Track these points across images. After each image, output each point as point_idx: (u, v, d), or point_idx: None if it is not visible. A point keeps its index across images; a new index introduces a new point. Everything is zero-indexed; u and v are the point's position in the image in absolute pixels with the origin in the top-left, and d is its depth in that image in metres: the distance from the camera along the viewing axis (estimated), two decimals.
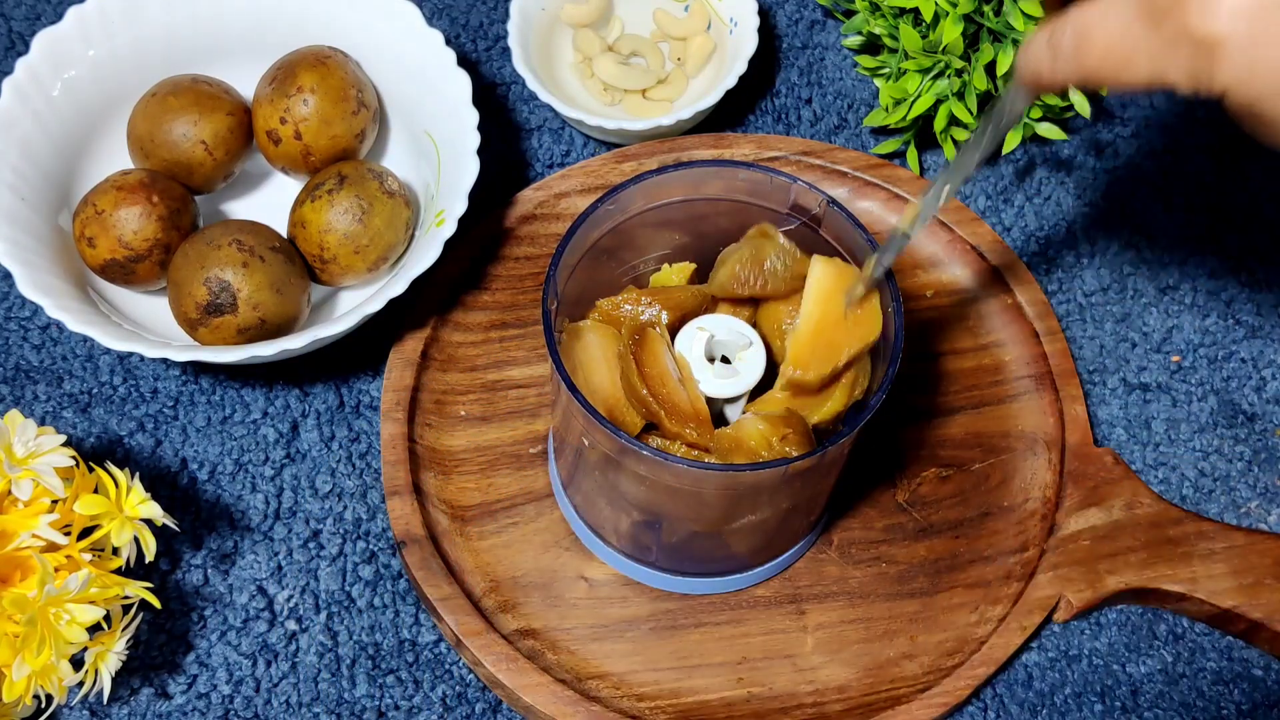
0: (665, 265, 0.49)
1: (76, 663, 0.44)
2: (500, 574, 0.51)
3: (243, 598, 0.51)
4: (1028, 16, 0.56)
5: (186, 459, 0.54)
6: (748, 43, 0.60)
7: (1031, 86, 0.37)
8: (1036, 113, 0.59)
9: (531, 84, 0.58)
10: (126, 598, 0.45)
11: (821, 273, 0.44)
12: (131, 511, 0.44)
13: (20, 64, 0.53)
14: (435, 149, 0.55)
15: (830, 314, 0.43)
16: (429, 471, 0.52)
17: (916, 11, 0.58)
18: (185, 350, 0.48)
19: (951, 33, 0.55)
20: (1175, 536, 0.52)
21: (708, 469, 0.41)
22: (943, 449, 0.54)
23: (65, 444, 0.44)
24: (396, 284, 0.50)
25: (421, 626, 0.51)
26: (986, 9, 0.57)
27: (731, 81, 0.59)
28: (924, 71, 0.58)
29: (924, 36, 0.57)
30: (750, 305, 0.47)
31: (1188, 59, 0.32)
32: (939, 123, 0.58)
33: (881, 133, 0.63)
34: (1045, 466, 0.54)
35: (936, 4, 0.56)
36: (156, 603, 0.45)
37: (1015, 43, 0.57)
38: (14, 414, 0.44)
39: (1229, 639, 0.52)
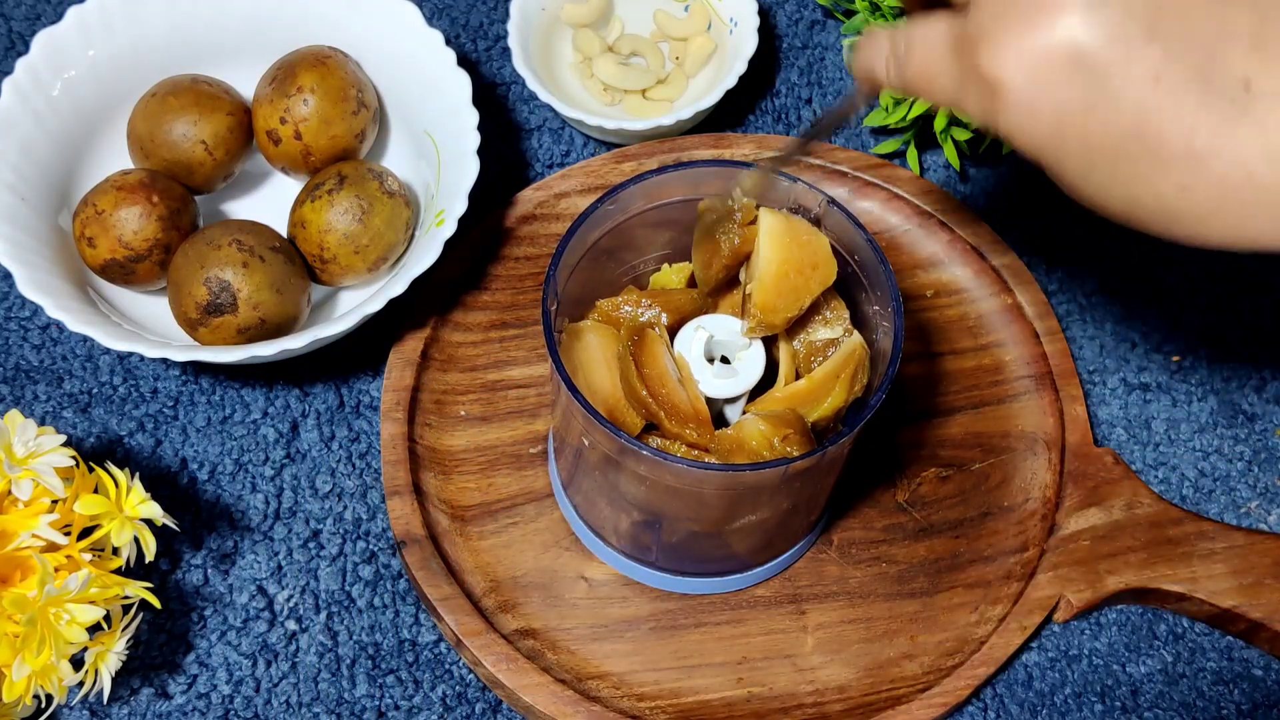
0: (665, 265, 0.49)
1: (76, 663, 0.44)
2: (500, 574, 0.51)
3: (243, 598, 0.51)
4: None
5: (186, 459, 0.54)
6: (748, 43, 0.60)
7: (866, 84, 0.38)
8: None
9: (531, 84, 0.58)
10: (126, 598, 0.45)
11: (771, 222, 0.45)
12: (131, 511, 0.44)
13: (20, 64, 0.53)
14: (435, 149, 0.55)
15: (788, 259, 0.44)
16: (429, 471, 0.52)
17: None
18: (185, 350, 0.48)
19: None
20: (1175, 536, 0.52)
21: (708, 469, 0.41)
22: (943, 449, 0.54)
23: (65, 444, 0.44)
24: (396, 284, 0.50)
25: (421, 626, 0.51)
26: None
27: (731, 81, 0.59)
28: None
29: None
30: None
31: (977, 95, 0.32)
32: (939, 123, 0.58)
33: (881, 133, 0.63)
34: (1045, 466, 0.54)
35: None
36: (156, 603, 0.45)
37: None
38: (14, 414, 0.44)
39: (1229, 639, 0.52)
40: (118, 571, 0.45)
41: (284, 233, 0.54)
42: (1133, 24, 0.30)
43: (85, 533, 0.45)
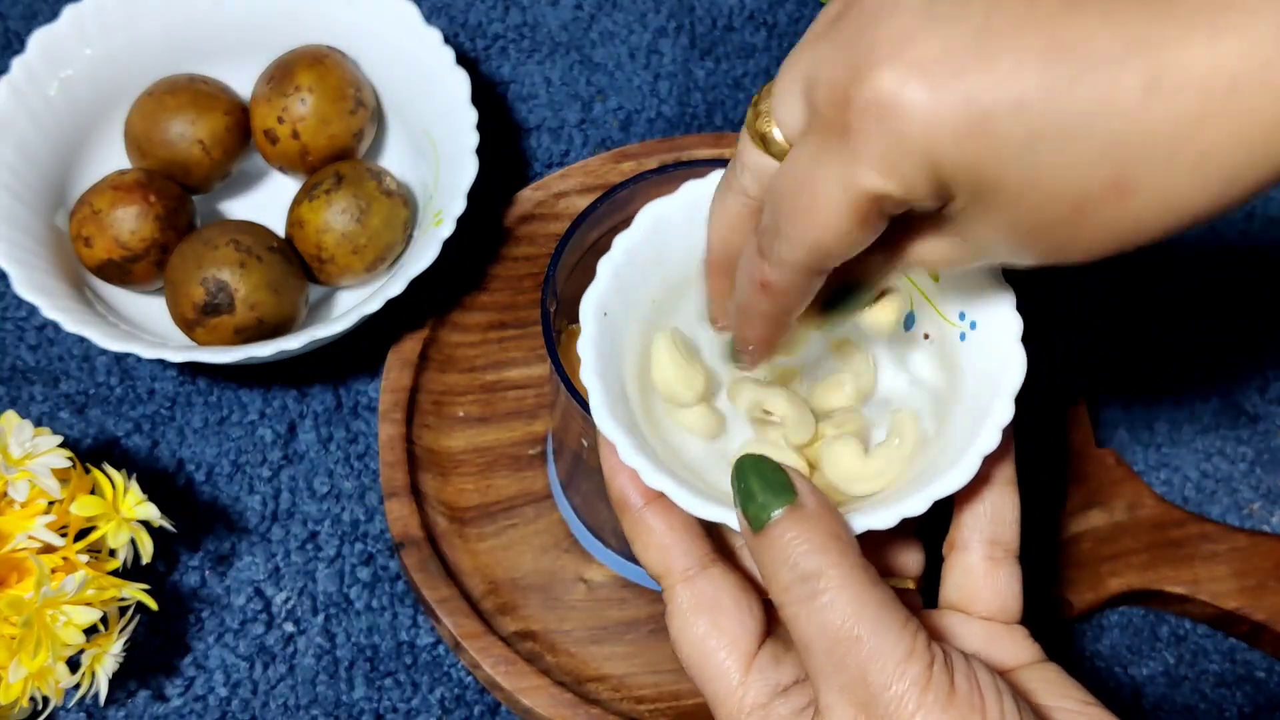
0: None
1: (73, 665, 0.44)
2: (499, 576, 0.51)
3: (240, 600, 0.50)
4: None
5: (183, 460, 0.53)
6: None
7: (756, 297, 0.33)
8: None
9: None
10: (123, 599, 0.44)
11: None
12: (128, 513, 0.44)
13: (16, 63, 0.53)
14: (433, 148, 0.55)
15: None
16: (427, 473, 0.52)
17: None
18: (182, 351, 0.48)
19: None
20: (1177, 538, 0.52)
21: None
22: None
23: (62, 445, 0.44)
24: (394, 284, 0.50)
25: (420, 628, 0.50)
26: None
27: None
28: None
29: None
30: None
31: (867, 139, 0.27)
32: None
33: None
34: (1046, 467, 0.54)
35: None
36: (153, 604, 0.45)
37: None
38: (10, 415, 0.44)
39: (1232, 641, 0.52)
40: (114, 573, 0.45)
41: (281, 233, 0.53)
42: None
43: (82, 534, 0.44)
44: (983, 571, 0.36)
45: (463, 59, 0.56)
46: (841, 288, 0.35)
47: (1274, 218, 0.61)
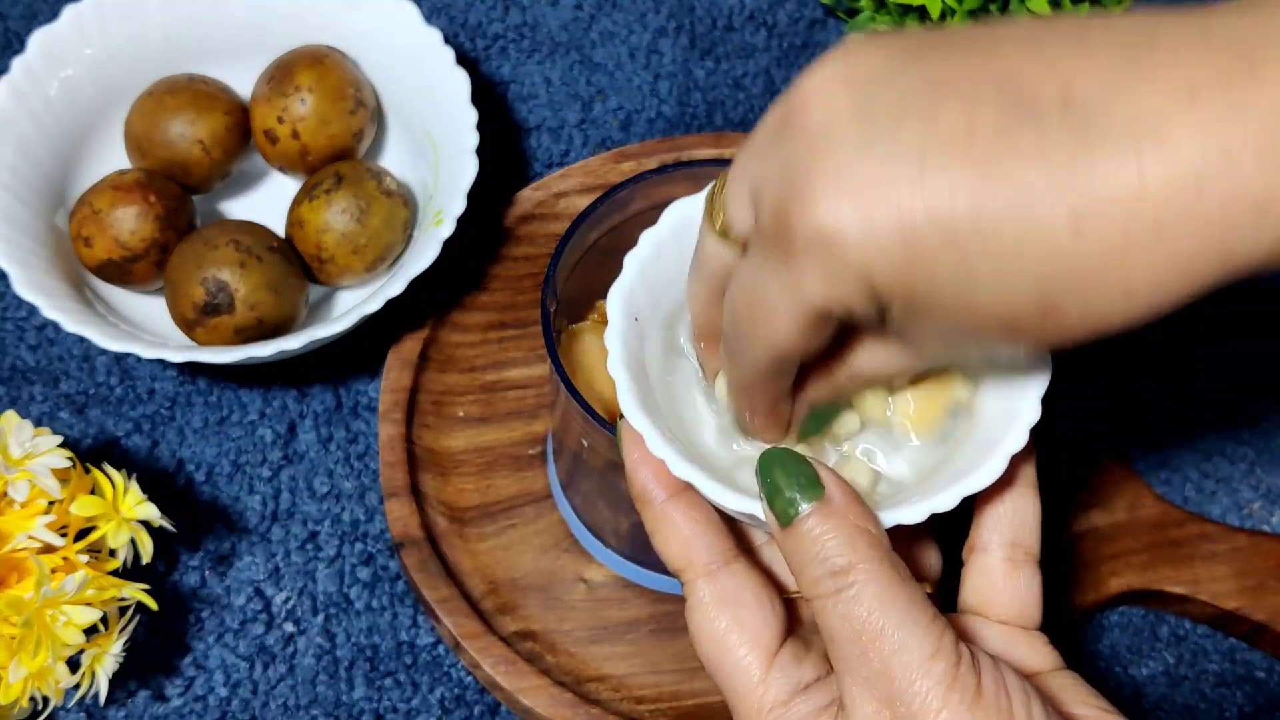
0: None
1: (73, 665, 0.44)
2: (499, 576, 0.51)
3: (240, 600, 0.50)
4: (1034, 15, 0.56)
5: (183, 460, 0.53)
6: None
7: (741, 399, 0.35)
8: None
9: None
10: (123, 599, 0.44)
11: None
12: (128, 513, 0.44)
13: (16, 62, 0.53)
14: (433, 148, 0.55)
15: None
16: (427, 473, 0.52)
17: (923, 9, 0.58)
18: (182, 351, 0.48)
19: None
20: (1178, 538, 0.52)
21: None
22: None
23: (62, 445, 0.44)
24: (394, 284, 0.50)
25: (420, 628, 0.50)
26: (993, 7, 0.57)
27: None
28: None
29: None
30: None
31: (811, 269, 0.28)
32: None
33: None
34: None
35: (943, 1, 0.56)
36: (153, 604, 0.45)
37: None
38: (10, 414, 0.44)
39: (1232, 641, 0.52)
40: (114, 573, 0.45)
41: (281, 233, 0.53)
42: (916, 83, 0.27)
43: (82, 534, 0.44)
44: (1002, 573, 0.36)
45: (463, 59, 0.56)
46: (811, 415, 0.36)
47: None
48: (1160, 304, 0.26)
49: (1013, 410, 0.35)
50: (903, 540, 0.34)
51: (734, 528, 0.36)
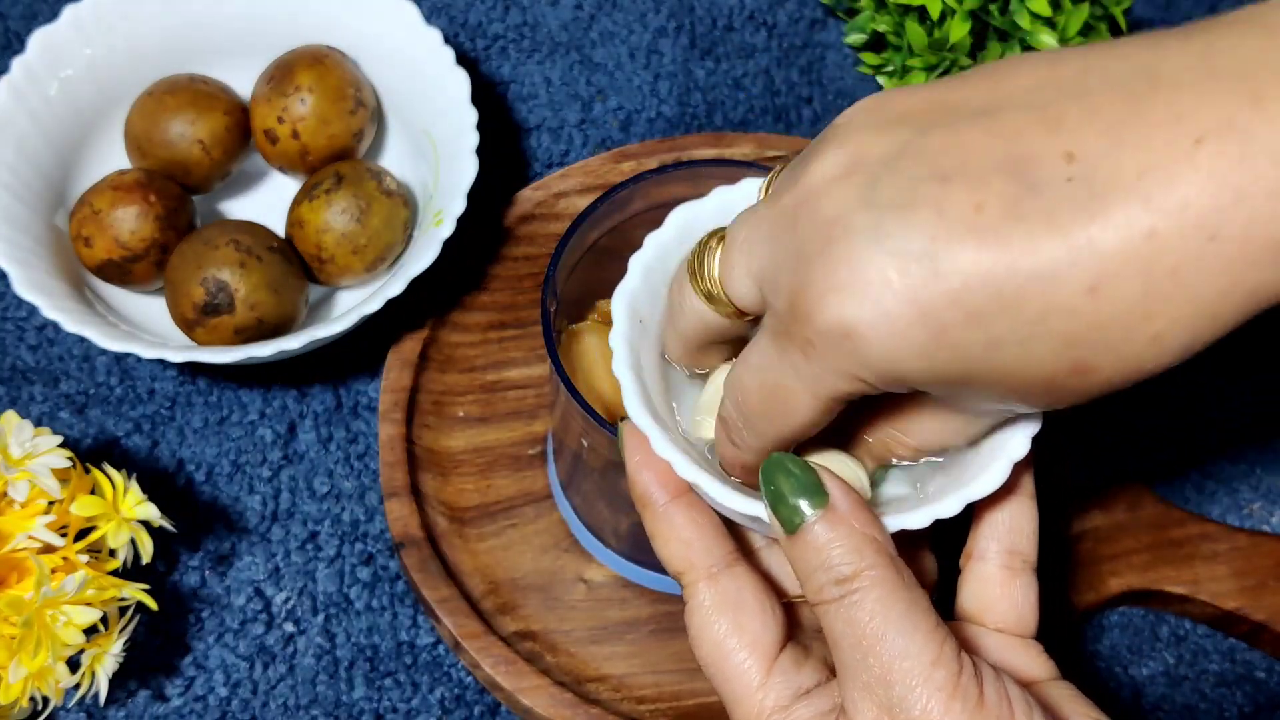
0: None
1: (73, 665, 0.44)
2: (499, 576, 0.51)
3: (240, 600, 0.50)
4: (1035, 15, 0.56)
5: (183, 460, 0.53)
6: None
7: (739, 473, 0.35)
8: None
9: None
10: (123, 599, 0.44)
11: None
12: (128, 513, 0.44)
13: (16, 63, 0.53)
14: (433, 148, 0.55)
15: None
16: (427, 473, 0.52)
17: (923, 9, 0.58)
18: (182, 351, 0.48)
19: (959, 31, 0.55)
20: (1178, 538, 0.52)
21: None
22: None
23: (62, 445, 0.44)
24: (394, 284, 0.50)
25: (419, 628, 0.50)
26: (993, 7, 0.57)
27: None
28: (930, 69, 0.57)
29: (930, 34, 0.57)
30: None
31: (834, 365, 0.29)
32: None
33: None
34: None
35: (943, 1, 0.56)
36: (153, 604, 0.45)
37: (1022, 42, 0.57)
38: (10, 415, 0.44)
39: (1232, 641, 0.52)
40: (114, 573, 0.45)
41: (281, 233, 0.53)
42: (922, 169, 0.27)
43: (82, 534, 0.44)
44: (999, 581, 0.36)
45: (463, 59, 0.56)
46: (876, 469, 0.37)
47: None
48: (1192, 345, 0.27)
49: (1015, 419, 0.35)
50: (900, 546, 0.34)
51: (734, 531, 0.36)
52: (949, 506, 0.33)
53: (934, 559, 0.38)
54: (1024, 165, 0.27)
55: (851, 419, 0.35)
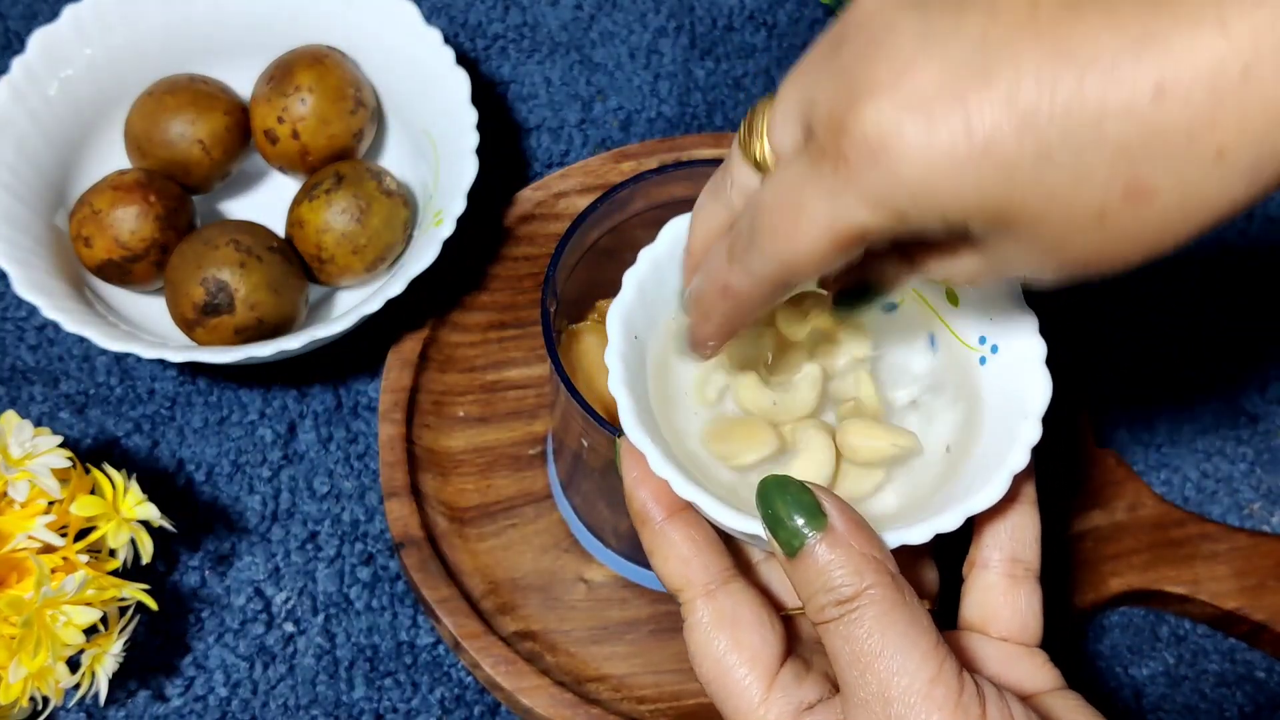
0: None
1: (73, 665, 0.44)
2: (499, 576, 0.51)
3: (240, 600, 0.50)
4: None
5: (183, 460, 0.53)
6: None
7: (718, 296, 0.32)
8: None
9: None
10: (123, 599, 0.44)
11: None
12: (128, 513, 0.44)
13: (16, 63, 0.53)
14: (433, 148, 0.55)
15: None
16: (427, 473, 0.52)
17: None
18: (182, 351, 0.48)
19: None
20: (1178, 538, 0.52)
21: None
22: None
23: (62, 445, 0.44)
24: (394, 284, 0.50)
25: (420, 628, 0.50)
26: None
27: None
28: None
29: None
30: None
31: (860, 182, 0.26)
32: None
33: None
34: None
35: None
36: (153, 604, 0.45)
37: None
38: (10, 415, 0.44)
39: (1232, 641, 0.52)
40: (114, 573, 0.45)
41: (281, 233, 0.53)
42: None
43: (82, 534, 0.44)
44: (1002, 589, 0.36)
45: (463, 59, 0.56)
46: (854, 288, 0.35)
47: (1274, 218, 0.61)
48: (1258, 168, 0.24)
49: (1014, 430, 0.35)
50: (902, 558, 0.34)
51: (731, 546, 0.36)
52: (949, 520, 0.33)
53: (935, 570, 0.38)
54: None
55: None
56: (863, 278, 0.34)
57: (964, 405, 0.38)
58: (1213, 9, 0.23)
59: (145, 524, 0.45)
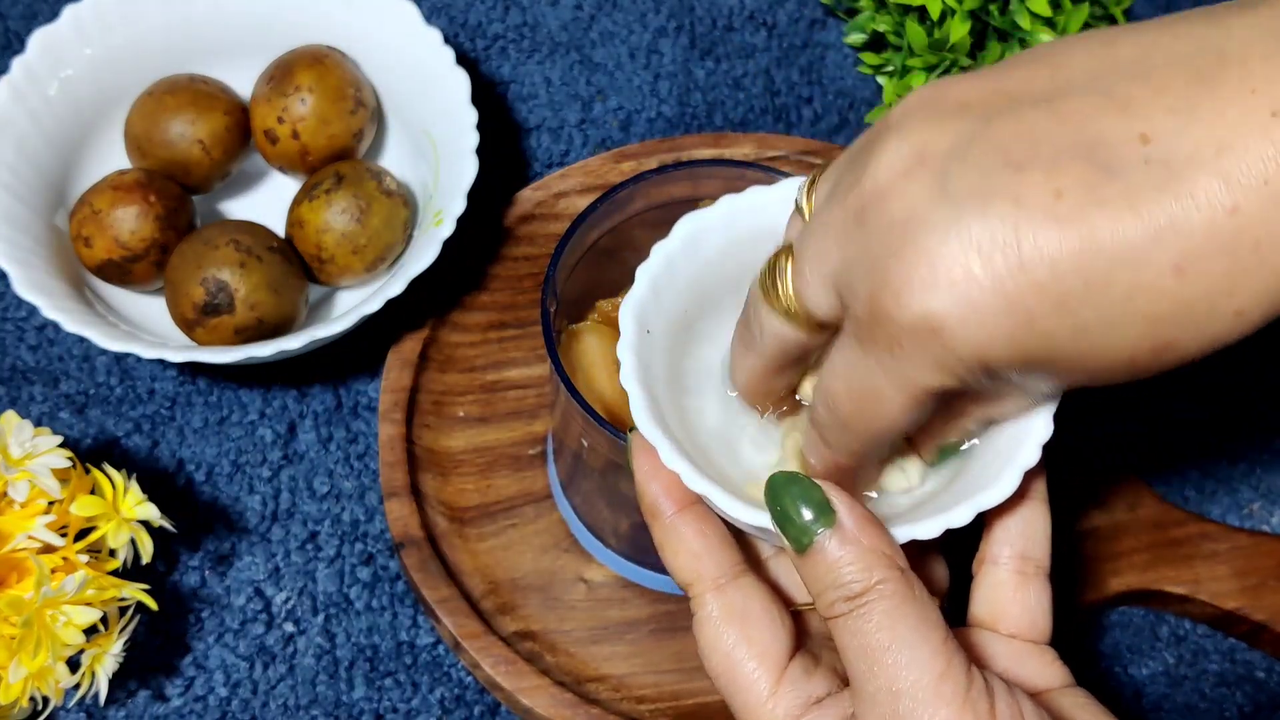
0: None
1: (73, 665, 0.44)
2: (499, 576, 0.51)
3: (240, 600, 0.50)
4: (1035, 15, 0.56)
5: (183, 460, 0.53)
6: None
7: (832, 475, 0.35)
8: None
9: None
10: (123, 599, 0.44)
11: None
12: (128, 513, 0.44)
13: (16, 63, 0.53)
14: (433, 148, 0.55)
15: None
16: (427, 473, 0.52)
17: (923, 9, 0.58)
18: (182, 351, 0.48)
19: (959, 31, 0.55)
20: (1178, 538, 0.52)
21: None
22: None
23: (62, 445, 0.44)
24: (394, 284, 0.50)
25: (419, 629, 0.50)
26: (993, 7, 0.57)
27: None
28: (930, 69, 0.58)
29: (930, 34, 0.57)
30: None
31: (918, 359, 0.29)
32: None
33: None
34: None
35: (943, 2, 0.56)
36: (153, 604, 0.45)
37: (1022, 42, 0.57)
38: (10, 415, 0.44)
39: (1231, 641, 0.52)
40: (114, 573, 0.45)
41: (281, 233, 0.53)
42: (993, 158, 0.27)
43: (82, 534, 0.44)
44: (1012, 586, 0.36)
45: (463, 59, 0.56)
46: (941, 449, 0.37)
47: None
48: (1270, 315, 0.27)
49: (1026, 426, 0.35)
50: (911, 554, 0.34)
51: (742, 540, 0.36)
52: (960, 516, 0.33)
53: (945, 566, 0.38)
54: (1098, 149, 0.27)
55: None
56: (939, 442, 0.36)
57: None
58: (1223, 190, 0.25)
59: (145, 524, 0.45)
